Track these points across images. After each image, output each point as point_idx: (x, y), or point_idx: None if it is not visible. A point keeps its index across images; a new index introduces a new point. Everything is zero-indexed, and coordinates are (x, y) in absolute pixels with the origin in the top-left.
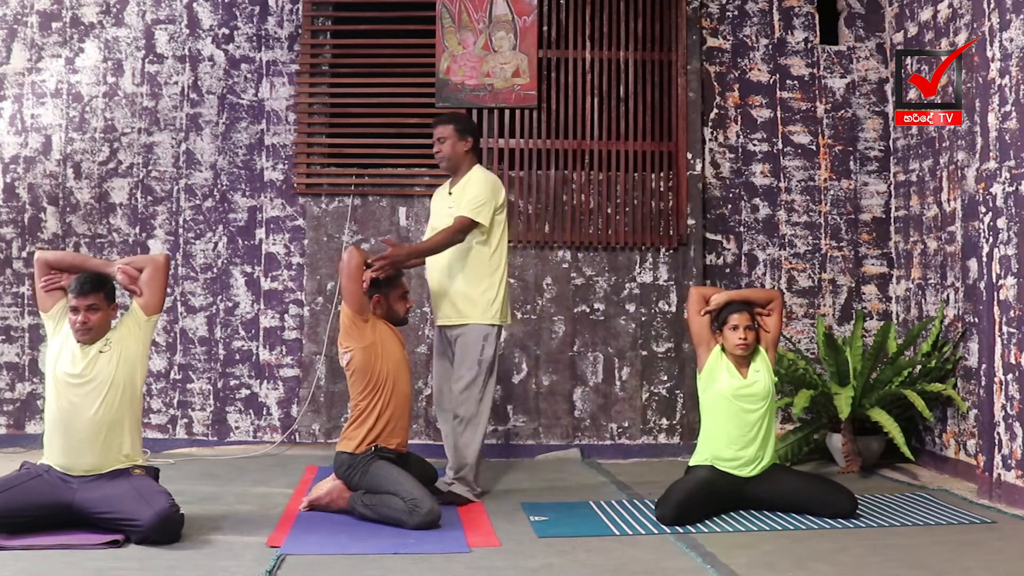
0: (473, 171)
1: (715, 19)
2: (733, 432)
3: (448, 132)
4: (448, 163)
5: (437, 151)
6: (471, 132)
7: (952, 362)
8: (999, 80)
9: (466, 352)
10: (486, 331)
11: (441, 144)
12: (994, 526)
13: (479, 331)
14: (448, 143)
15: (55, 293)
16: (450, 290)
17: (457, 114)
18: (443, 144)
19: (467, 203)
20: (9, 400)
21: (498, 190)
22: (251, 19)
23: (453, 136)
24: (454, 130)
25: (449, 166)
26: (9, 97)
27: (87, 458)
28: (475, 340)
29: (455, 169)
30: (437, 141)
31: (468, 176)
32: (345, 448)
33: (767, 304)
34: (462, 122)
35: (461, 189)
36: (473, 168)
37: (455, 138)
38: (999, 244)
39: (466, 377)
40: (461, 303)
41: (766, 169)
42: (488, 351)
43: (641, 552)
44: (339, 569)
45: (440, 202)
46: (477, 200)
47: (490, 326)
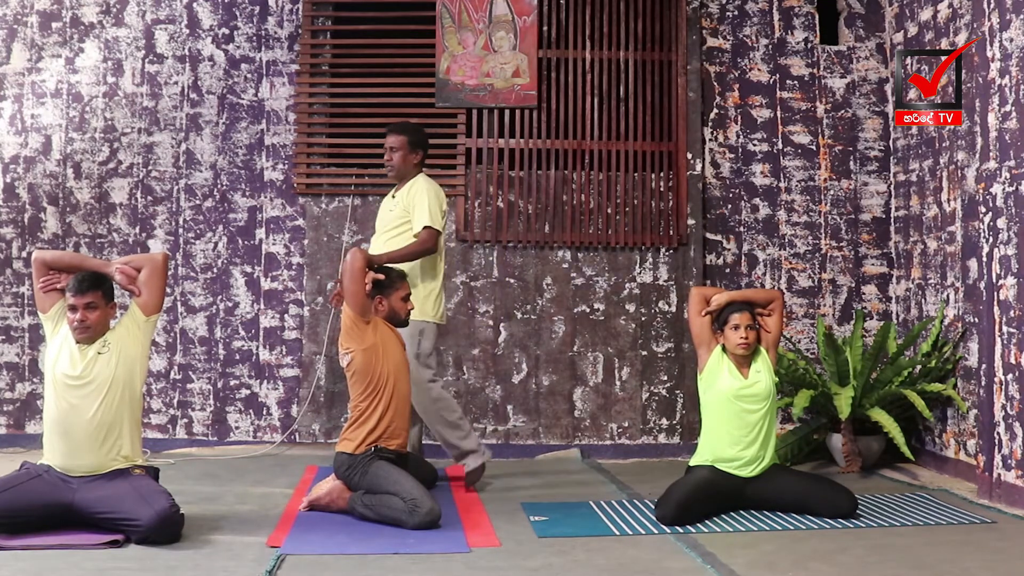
0: (418, 179)
1: (715, 19)
2: (734, 432)
3: (400, 143)
4: (396, 173)
5: (388, 159)
6: (422, 146)
7: (952, 362)
8: (999, 80)
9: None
10: (421, 326)
11: (392, 153)
12: (994, 526)
13: (415, 326)
14: (399, 154)
15: (53, 294)
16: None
17: (411, 126)
18: (394, 154)
19: (423, 214)
20: (9, 400)
21: (443, 197)
22: (251, 19)
23: (404, 148)
24: (406, 142)
25: (396, 176)
26: (9, 97)
27: (86, 459)
28: (412, 334)
29: (401, 178)
30: (388, 149)
31: (413, 183)
32: (345, 449)
33: (768, 304)
34: (415, 135)
35: (406, 194)
36: (420, 177)
37: (406, 150)
38: (999, 244)
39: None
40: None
41: (766, 169)
42: (425, 344)
43: (641, 552)
44: (339, 569)
45: (385, 206)
46: (431, 209)
47: (424, 321)
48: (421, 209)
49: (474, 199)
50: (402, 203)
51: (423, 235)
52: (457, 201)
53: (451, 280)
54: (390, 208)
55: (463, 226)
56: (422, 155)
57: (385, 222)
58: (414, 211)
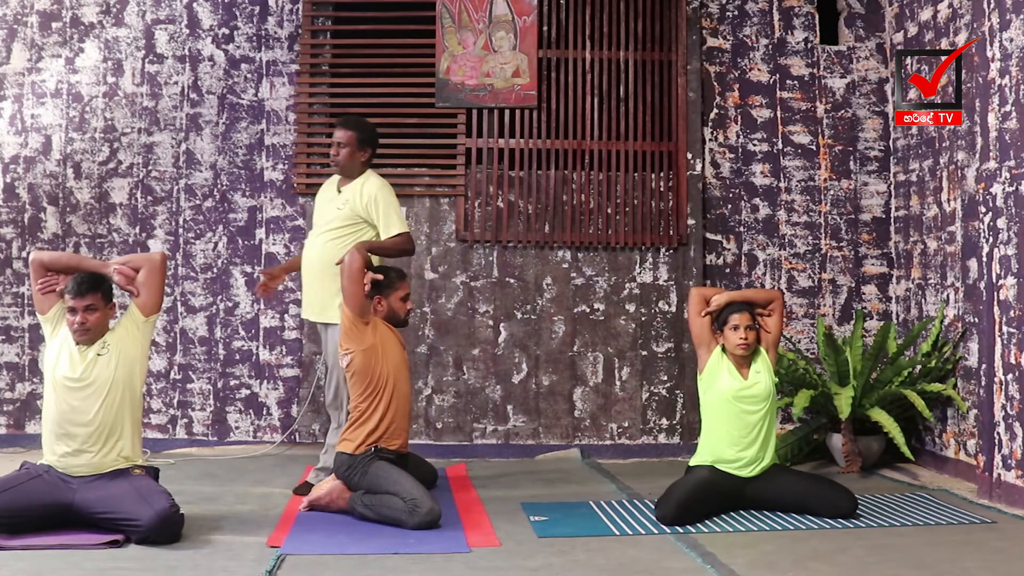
0: (371, 178)
1: (715, 19)
2: (734, 433)
3: (349, 139)
4: (342, 168)
5: (335, 154)
6: (371, 144)
7: (952, 362)
8: (999, 80)
9: (331, 352)
10: None
11: (340, 149)
12: (994, 526)
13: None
14: (347, 151)
15: (52, 296)
16: (326, 288)
17: (361, 122)
18: (342, 149)
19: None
20: (9, 400)
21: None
22: (251, 19)
23: (353, 145)
24: (355, 139)
25: (342, 171)
26: (9, 97)
27: (86, 459)
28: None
29: (347, 174)
30: (336, 144)
31: (365, 182)
32: (345, 449)
33: (768, 304)
34: (365, 132)
35: (358, 194)
36: (369, 174)
37: (354, 147)
38: (999, 244)
39: (337, 377)
40: (329, 303)
41: (766, 169)
42: None
43: (641, 552)
44: (339, 569)
45: (327, 201)
46: (399, 214)
47: None
48: (389, 216)
49: (474, 199)
50: (354, 203)
51: (399, 240)
52: (457, 201)
53: (451, 280)
54: (338, 206)
55: (463, 226)
56: (370, 153)
57: (330, 218)
58: (380, 217)
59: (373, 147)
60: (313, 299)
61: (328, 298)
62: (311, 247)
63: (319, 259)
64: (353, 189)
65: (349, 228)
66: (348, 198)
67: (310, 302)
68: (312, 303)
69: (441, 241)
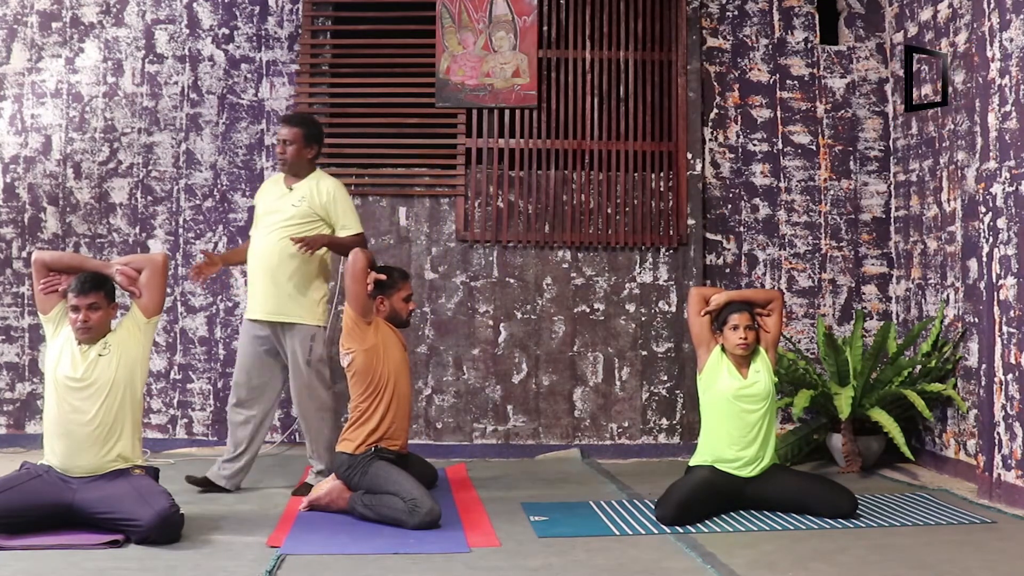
0: (324, 177)
1: (715, 19)
2: (734, 433)
3: (296, 136)
4: (289, 166)
5: (280, 151)
6: (317, 140)
7: (952, 362)
8: (999, 80)
9: (296, 353)
10: (314, 331)
11: (287, 146)
12: (994, 526)
13: (307, 331)
14: (294, 148)
15: (53, 296)
16: (282, 287)
17: (308, 119)
18: (289, 147)
19: (352, 220)
20: (9, 400)
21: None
22: (251, 19)
23: (300, 141)
24: (302, 135)
25: (289, 168)
26: (9, 97)
27: (86, 460)
28: (303, 340)
29: (294, 171)
30: (283, 141)
31: (320, 180)
32: (345, 449)
33: (767, 304)
34: (312, 128)
35: (312, 192)
36: (321, 174)
37: (301, 143)
38: (999, 244)
39: (298, 381)
40: (290, 302)
41: (766, 169)
42: (318, 349)
43: (641, 552)
44: (339, 569)
45: (277, 198)
46: (353, 213)
47: (317, 326)
48: (348, 215)
49: (474, 199)
50: (312, 200)
51: (358, 240)
52: (457, 201)
53: (451, 280)
54: (293, 203)
55: (463, 226)
56: (317, 150)
57: (282, 216)
58: (340, 217)
59: (320, 144)
60: (268, 298)
61: (285, 297)
62: (263, 244)
63: (277, 254)
64: (307, 186)
65: (307, 225)
66: (304, 195)
67: (264, 301)
68: (267, 302)
69: (441, 241)
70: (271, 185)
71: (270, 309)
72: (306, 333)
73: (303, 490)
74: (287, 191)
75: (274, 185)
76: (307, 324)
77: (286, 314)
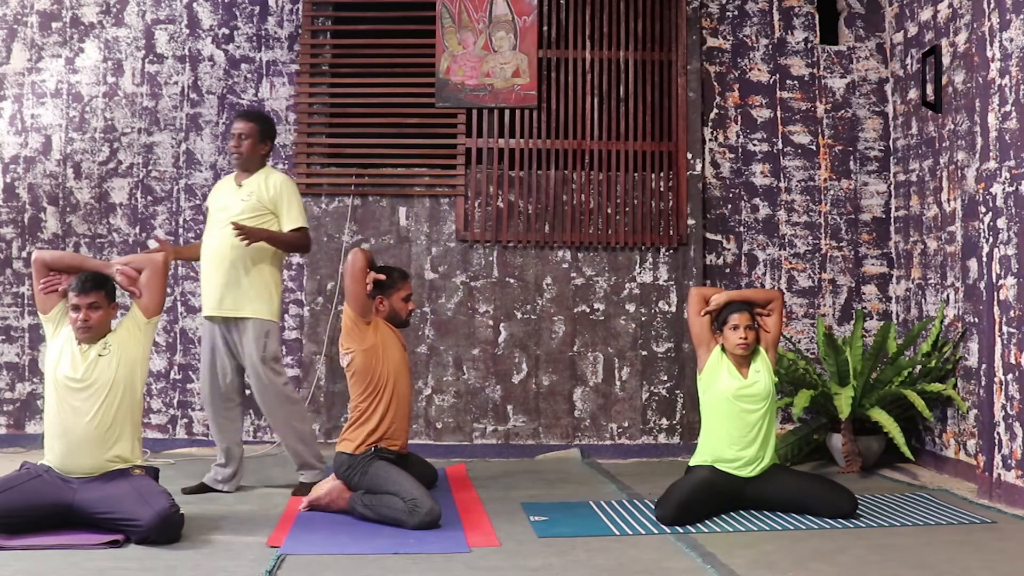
0: (273, 173)
1: (715, 19)
2: (734, 433)
3: (252, 131)
4: (244, 161)
5: (235, 146)
6: (271, 137)
7: (952, 362)
8: (999, 80)
9: (250, 349)
10: (268, 327)
11: (242, 141)
12: (994, 526)
13: (262, 326)
14: (249, 142)
15: (53, 296)
16: (235, 282)
17: (262, 115)
18: (244, 141)
19: (298, 215)
20: (9, 400)
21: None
22: (251, 19)
23: (255, 136)
24: (257, 130)
25: (242, 164)
26: (9, 97)
27: (86, 460)
28: (258, 336)
29: (246, 167)
30: (238, 136)
31: (269, 175)
32: (345, 449)
33: (767, 304)
34: (266, 124)
35: (263, 187)
36: (270, 170)
37: (256, 139)
38: (999, 244)
39: (257, 381)
40: (243, 297)
41: (766, 169)
42: (272, 346)
43: (641, 552)
44: (339, 569)
45: (227, 195)
46: (301, 210)
47: (270, 322)
48: (292, 209)
49: (474, 199)
50: (260, 194)
51: (299, 235)
52: (457, 201)
53: (451, 280)
54: (242, 197)
55: (463, 226)
56: (270, 146)
57: (232, 211)
58: (285, 210)
59: (273, 141)
60: (224, 293)
61: (239, 293)
62: (216, 240)
63: (229, 250)
64: (256, 181)
65: (256, 218)
66: (252, 190)
67: (219, 296)
68: (223, 297)
69: (441, 241)
70: (222, 184)
71: (225, 305)
72: (260, 329)
73: (302, 490)
74: (237, 187)
75: (225, 183)
76: (261, 319)
77: (240, 309)
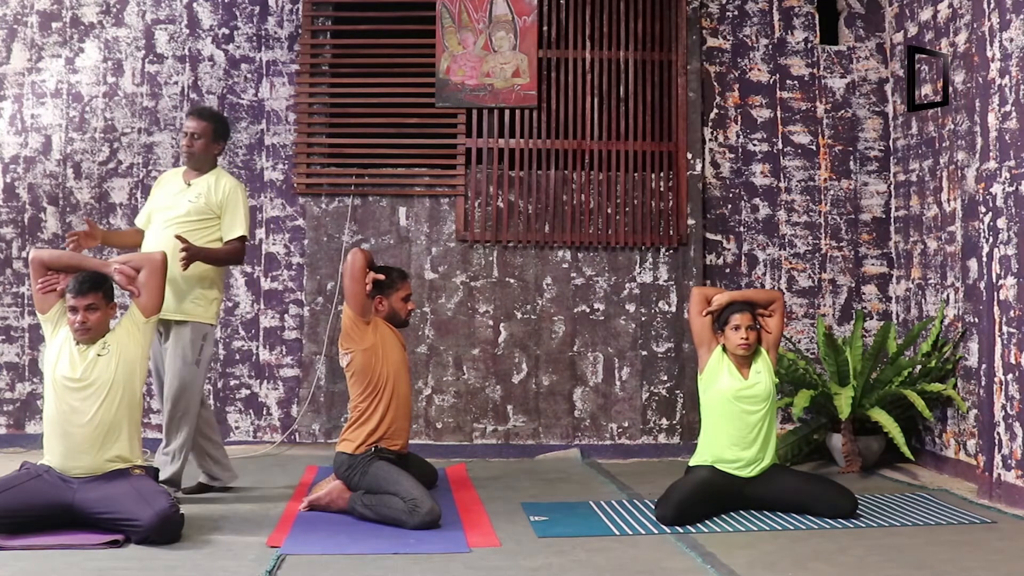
0: (225, 175)
1: (715, 19)
2: (734, 433)
3: (206, 130)
4: (195, 160)
5: (188, 144)
6: (224, 137)
7: (952, 362)
8: (999, 80)
9: (184, 351)
10: (206, 330)
11: (195, 140)
12: (994, 526)
13: (200, 329)
14: (202, 141)
15: (52, 296)
16: (176, 283)
17: (216, 114)
18: (197, 140)
19: (240, 223)
20: (9, 400)
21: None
22: (251, 19)
23: (208, 135)
24: (211, 130)
25: (194, 162)
26: (9, 97)
27: (85, 460)
28: (196, 339)
29: (198, 166)
30: (191, 135)
31: (219, 177)
32: (345, 449)
33: (769, 305)
34: (220, 124)
35: (212, 189)
36: (222, 172)
37: (209, 138)
38: (999, 244)
39: (185, 377)
40: (186, 299)
41: (766, 169)
42: (207, 350)
43: (641, 552)
44: (339, 569)
45: (174, 194)
46: (246, 218)
47: (209, 325)
48: (237, 216)
49: (474, 199)
50: (209, 196)
51: (238, 245)
52: (457, 201)
53: (451, 280)
54: (190, 199)
55: (463, 226)
56: (222, 146)
57: (178, 212)
58: (231, 216)
59: (225, 141)
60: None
61: (181, 294)
62: (158, 239)
63: (172, 251)
64: (206, 183)
65: (204, 222)
66: (201, 191)
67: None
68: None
69: (441, 241)
70: (168, 179)
71: (166, 306)
72: (198, 331)
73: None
74: (185, 186)
75: (171, 178)
76: (201, 322)
77: (181, 311)
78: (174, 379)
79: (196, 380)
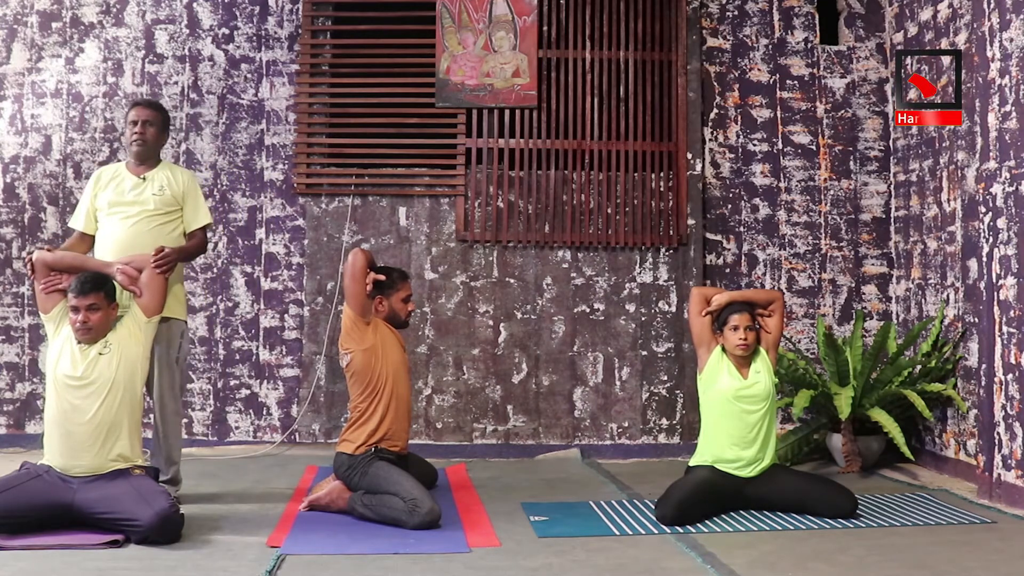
0: (176, 167)
1: (715, 19)
2: (734, 433)
3: (156, 119)
4: (145, 150)
5: (140, 132)
6: (167, 130)
7: (952, 362)
8: (999, 80)
9: (167, 350)
10: (182, 327)
11: (147, 127)
12: (994, 526)
13: (176, 326)
14: (153, 131)
15: (55, 295)
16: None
17: (162, 106)
18: (149, 129)
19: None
20: (9, 400)
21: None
22: (251, 19)
23: (159, 125)
24: (161, 120)
25: (144, 152)
26: (9, 97)
27: (86, 459)
28: (174, 336)
29: (147, 157)
30: (143, 122)
31: (171, 171)
32: (345, 449)
33: (768, 305)
34: (166, 116)
35: (171, 181)
36: (171, 164)
37: (158, 128)
38: (999, 244)
39: (165, 380)
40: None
41: (766, 169)
42: (185, 347)
43: (641, 552)
44: (339, 569)
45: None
46: (204, 204)
47: (183, 322)
48: (199, 206)
49: (474, 199)
50: (173, 188)
51: (203, 235)
52: (457, 201)
53: (451, 280)
54: (154, 192)
55: (463, 226)
56: (167, 138)
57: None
58: (192, 206)
59: (168, 134)
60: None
61: None
62: (124, 237)
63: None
64: (164, 176)
65: (169, 215)
66: (163, 184)
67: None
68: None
69: (441, 241)
70: (115, 174)
71: None
72: (176, 329)
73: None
74: (140, 181)
75: (120, 175)
76: (177, 319)
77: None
78: (159, 379)
79: (175, 380)
